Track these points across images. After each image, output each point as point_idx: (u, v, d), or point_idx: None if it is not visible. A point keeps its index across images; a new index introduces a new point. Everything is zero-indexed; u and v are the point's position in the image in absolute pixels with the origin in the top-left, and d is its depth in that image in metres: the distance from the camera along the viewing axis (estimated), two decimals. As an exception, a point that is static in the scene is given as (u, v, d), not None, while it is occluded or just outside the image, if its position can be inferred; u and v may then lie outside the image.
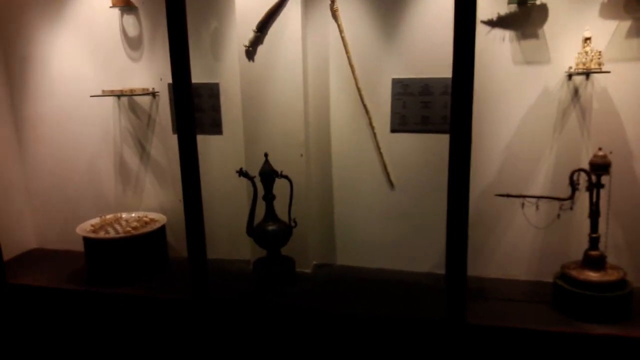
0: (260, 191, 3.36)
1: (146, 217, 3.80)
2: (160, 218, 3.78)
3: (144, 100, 3.84)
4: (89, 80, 3.88)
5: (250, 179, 3.33)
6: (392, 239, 3.59)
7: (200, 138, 3.69)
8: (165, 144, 3.86)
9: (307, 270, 3.64)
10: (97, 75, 3.86)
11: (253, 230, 3.41)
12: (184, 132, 3.01)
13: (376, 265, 3.68)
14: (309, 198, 3.54)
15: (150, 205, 4.00)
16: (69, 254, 4.11)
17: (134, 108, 3.88)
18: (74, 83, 3.92)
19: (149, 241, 3.56)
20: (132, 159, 3.97)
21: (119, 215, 3.88)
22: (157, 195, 3.98)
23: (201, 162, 3.75)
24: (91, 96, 3.68)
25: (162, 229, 3.68)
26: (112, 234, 3.52)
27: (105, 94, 3.66)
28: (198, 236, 3.15)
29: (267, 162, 3.32)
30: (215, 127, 3.74)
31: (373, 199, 3.57)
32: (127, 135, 3.93)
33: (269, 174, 3.31)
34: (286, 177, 3.32)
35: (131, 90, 3.61)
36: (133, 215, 3.87)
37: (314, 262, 3.72)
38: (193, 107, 2.98)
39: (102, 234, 3.51)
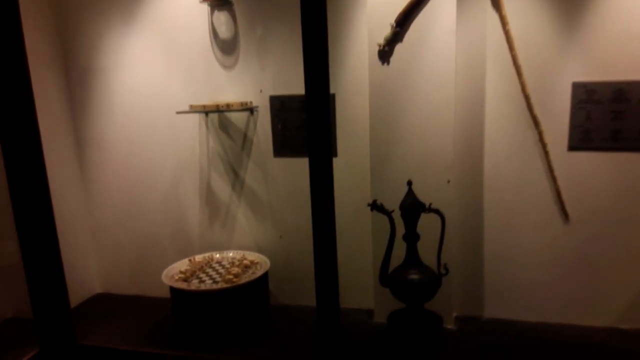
0: (399, 229, 2.62)
1: (245, 258, 3.08)
2: (261, 260, 3.06)
3: (239, 117, 3.14)
4: (169, 94, 3.21)
5: (387, 213, 2.59)
6: (561, 285, 2.82)
7: (305, 161, 3.01)
8: (263, 169, 3.16)
9: (450, 326, 2.87)
10: (179, 87, 3.19)
11: (389, 278, 2.66)
12: (318, 155, 2.28)
13: (536, 319, 2.89)
14: (456, 236, 2.78)
15: (243, 243, 3.29)
16: (142, 303, 3.42)
17: (225, 126, 3.18)
18: (149, 97, 3.26)
19: (252, 291, 2.83)
20: (222, 188, 3.26)
21: (209, 256, 3.16)
22: (252, 231, 3.27)
23: (309, 189, 3.05)
24: (177, 112, 2.99)
25: (266, 274, 2.95)
26: (207, 282, 2.81)
27: (195, 109, 2.97)
28: (331, 291, 2.40)
29: (410, 192, 2.58)
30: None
31: (538, 235, 2.80)
32: (216, 159, 3.24)
33: (413, 208, 2.57)
34: (437, 211, 2.58)
35: (228, 105, 2.91)
36: (230, 254, 3.16)
37: (455, 314, 2.94)
38: (329, 124, 2.25)
39: (195, 283, 2.80)
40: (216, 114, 3.17)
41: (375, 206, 2.59)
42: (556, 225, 2.75)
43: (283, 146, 3.08)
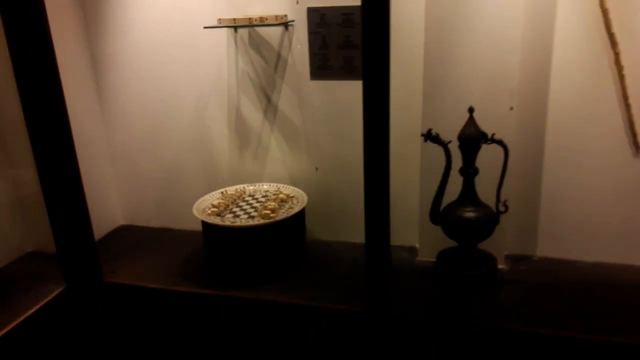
0: (455, 162, 2.35)
1: (280, 192, 2.85)
2: (297, 194, 2.83)
3: (272, 34, 2.80)
4: (192, 6, 2.85)
5: (444, 144, 2.31)
6: (625, 224, 2.57)
7: (346, 85, 2.71)
8: (299, 93, 2.86)
9: (501, 266, 2.66)
10: (208, 2, 2.82)
11: (441, 215, 2.43)
12: (374, 76, 1.99)
13: (594, 259, 2.68)
14: (512, 169, 2.50)
15: (276, 175, 3.05)
16: (170, 236, 3.25)
17: (257, 44, 2.85)
18: (170, 10, 2.92)
19: (289, 226, 2.62)
20: (253, 114, 2.98)
21: (241, 188, 2.94)
22: (285, 162, 3.02)
23: (349, 117, 2.77)
24: (205, 27, 2.65)
25: (303, 210, 2.72)
26: (243, 218, 2.59)
27: (224, 23, 2.63)
28: (382, 226, 2.18)
29: (472, 120, 2.29)
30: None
31: (602, 169, 2.53)
32: (246, 81, 2.93)
33: (474, 138, 2.29)
34: (500, 142, 2.30)
35: (261, 19, 2.57)
36: (264, 186, 2.93)
37: (505, 253, 2.73)
38: (389, 37, 1.93)
39: (230, 218, 2.59)
40: (246, 30, 2.83)
41: (430, 136, 2.31)
42: (624, 159, 2.47)
43: (321, 68, 2.76)
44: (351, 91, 2.74)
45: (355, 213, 2.92)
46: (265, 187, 2.95)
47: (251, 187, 2.95)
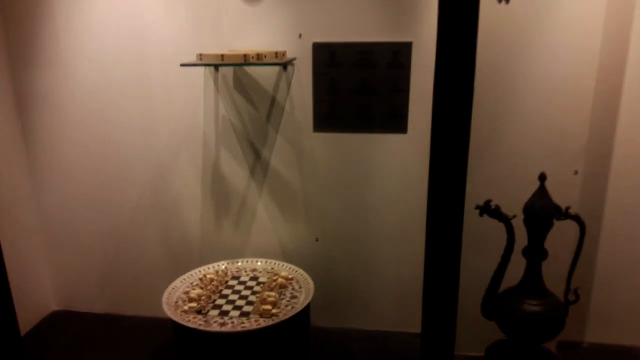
0: (519, 240, 1.86)
1: (274, 273, 2.22)
2: (297, 275, 2.22)
3: (264, 74, 2.22)
4: (159, 36, 2.23)
5: (506, 220, 1.81)
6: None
7: (358, 138, 2.18)
8: (297, 148, 2.28)
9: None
10: (174, 27, 2.21)
11: (496, 306, 1.91)
12: (450, 130, 1.44)
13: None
14: (568, 243, 2.04)
15: (264, 247, 2.42)
16: (121, 326, 2.51)
17: (243, 86, 2.25)
18: (128, 39, 2.26)
19: (295, 324, 1.99)
20: (236, 172, 2.36)
21: (223, 269, 2.28)
22: (276, 231, 2.40)
23: (361, 178, 2.23)
24: (183, 65, 2.02)
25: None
26: (234, 315, 1.94)
27: (206, 60, 2.02)
28: (448, 324, 1.61)
29: (543, 190, 1.80)
30: (394, 119, 2.18)
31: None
32: (228, 132, 2.31)
33: (546, 213, 1.80)
34: (576, 217, 1.83)
35: (259, 56, 1.98)
36: (254, 264, 2.29)
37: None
38: (472, 84, 1.41)
39: (215, 317, 1.92)
40: (230, 69, 2.22)
41: (488, 209, 1.80)
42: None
43: (329, 117, 2.21)
44: (365, 146, 2.21)
45: (366, 294, 2.36)
46: (252, 265, 2.30)
47: (235, 266, 2.29)
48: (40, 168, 2.48)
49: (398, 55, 2.11)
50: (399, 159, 2.21)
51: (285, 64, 2.14)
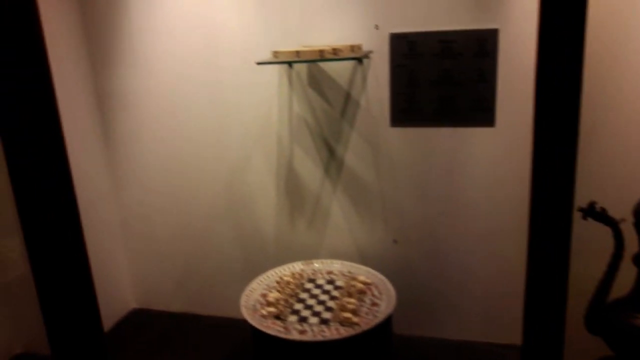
0: (629, 246, 1.66)
1: (352, 277, 2.13)
2: (376, 280, 2.12)
3: (339, 68, 2.12)
4: (232, 33, 2.18)
5: (613, 223, 1.62)
6: None
7: (440, 133, 2.03)
8: (374, 144, 2.16)
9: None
10: (247, 22, 2.14)
11: (604, 320, 1.72)
12: (557, 125, 1.28)
13: None
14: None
15: (339, 248, 2.33)
16: (196, 326, 2.52)
17: (318, 82, 2.16)
18: (203, 39, 2.23)
19: (376, 333, 1.89)
20: (310, 170, 2.28)
21: (298, 271, 2.21)
22: (352, 232, 2.30)
23: (443, 175, 2.08)
24: (259, 63, 1.95)
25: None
26: (313, 322, 1.86)
27: (281, 58, 1.94)
28: (555, 338, 1.45)
29: (654, 188, 1.59)
30: (480, 112, 2.01)
31: None
32: (302, 129, 2.23)
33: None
34: (698, 220, 1.60)
35: (335, 51, 1.88)
36: (331, 266, 2.21)
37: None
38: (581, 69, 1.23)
39: (294, 323, 1.86)
40: (304, 65, 2.14)
41: (593, 212, 1.61)
42: None
43: (407, 111, 2.08)
44: (447, 141, 2.07)
45: (450, 301, 2.22)
46: (328, 267, 2.22)
47: (311, 268, 2.22)
48: (119, 165, 2.53)
49: (483, 43, 1.95)
50: (486, 154, 2.05)
51: (361, 58, 2.03)
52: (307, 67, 2.15)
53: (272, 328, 1.80)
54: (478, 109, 2.01)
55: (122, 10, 2.30)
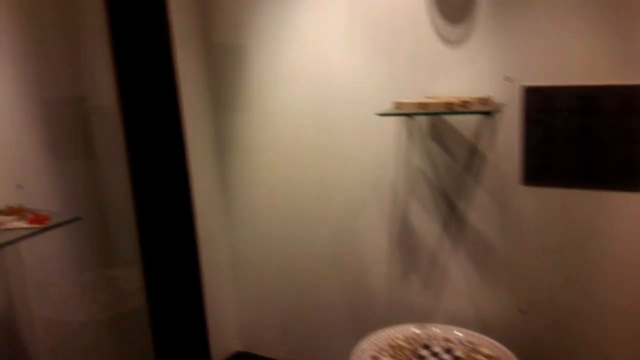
0: None
1: (474, 348, 1.93)
2: (501, 355, 1.89)
3: (464, 120, 1.99)
4: (351, 83, 2.14)
5: None
6: None
7: (581, 196, 1.81)
8: (502, 202, 1.99)
9: None
10: (367, 72, 2.10)
11: None
12: None
13: None
14: None
15: (457, 313, 2.15)
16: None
17: (440, 134, 2.05)
18: (320, 87, 2.23)
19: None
20: (427, 225, 2.15)
21: (412, 335, 2.06)
22: (473, 297, 2.12)
23: (582, 244, 1.84)
24: (380, 114, 1.89)
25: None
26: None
27: (404, 109, 1.86)
28: None
29: None
30: (626, 175, 1.78)
31: None
32: (420, 182, 2.12)
33: None
34: None
35: (465, 104, 1.76)
36: (450, 333, 2.03)
37: None
38: None
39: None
40: (427, 119, 2.05)
41: None
42: None
43: (541, 169, 1.89)
44: (586, 205, 1.85)
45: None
46: (446, 333, 2.05)
47: (425, 333, 2.06)
48: (232, 207, 2.57)
49: (632, 100, 1.73)
50: (629, 223, 1.80)
51: (493, 112, 1.90)
52: (429, 118, 2.06)
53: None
54: (623, 171, 1.78)
55: (243, 62, 2.38)
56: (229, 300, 2.68)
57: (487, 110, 1.84)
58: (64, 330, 2.38)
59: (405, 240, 2.20)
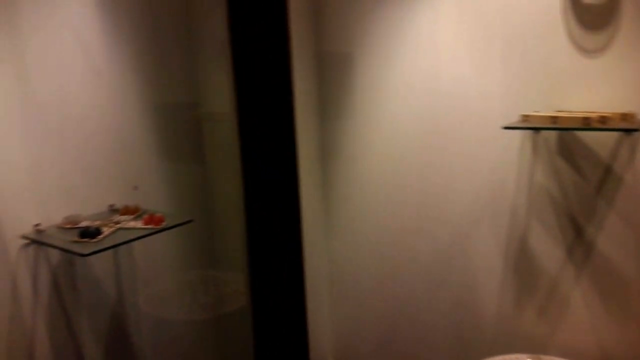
0: None
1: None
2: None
3: (600, 138, 1.81)
4: (472, 93, 2.03)
5: None
6: None
7: None
8: (638, 229, 1.78)
9: None
10: (490, 82, 1.98)
11: None
12: None
13: None
14: None
15: (576, 346, 1.98)
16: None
17: (569, 151, 1.88)
18: (436, 96, 2.14)
19: None
20: (549, 250, 1.99)
21: (528, 368, 1.91)
22: (597, 329, 1.94)
23: None
24: (506, 128, 1.77)
25: None
26: None
27: (533, 122, 1.72)
28: None
29: None
30: None
31: None
32: (543, 202, 1.97)
33: None
34: None
35: (603, 120, 1.60)
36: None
37: None
38: None
39: None
40: (555, 135, 1.89)
41: None
42: None
43: (691, 195, 1.68)
44: None
45: None
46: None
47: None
48: (333, 216, 2.53)
49: None
50: None
51: (636, 130, 1.71)
52: (558, 133, 1.90)
53: None
54: None
55: (352, 71, 2.33)
56: (324, 309, 2.65)
57: (630, 128, 1.66)
58: (165, 327, 2.44)
59: (522, 265, 2.05)
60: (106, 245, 1.83)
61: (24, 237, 1.89)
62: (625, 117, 1.66)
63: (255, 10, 1.09)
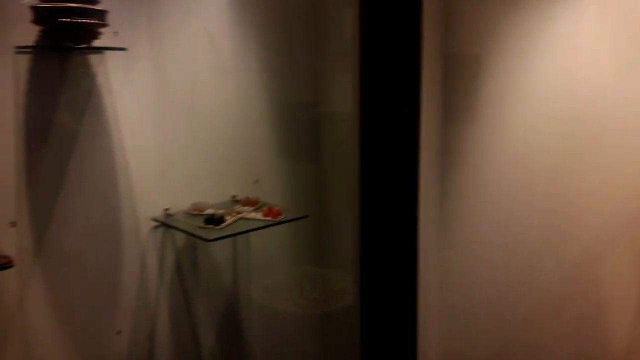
0: None
1: None
2: None
3: None
4: (600, 101, 1.83)
5: None
6: None
7: None
8: None
9: None
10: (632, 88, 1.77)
11: None
12: None
13: None
14: None
15: None
16: None
17: None
18: (579, 101, 1.95)
19: None
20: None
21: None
22: None
23: None
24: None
25: None
26: None
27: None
28: None
29: None
30: None
31: None
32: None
33: None
34: None
35: None
36: None
37: None
38: None
39: None
40: None
41: None
42: None
43: None
44: None
45: None
46: None
47: None
48: (448, 225, 2.44)
49: None
50: None
51: None
52: None
53: None
54: None
55: (480, 74, 2.23)
56: (433, 321, 2.56)
57: None
58: (273, 317, 2.52)
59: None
60: (229, 233, 1.93)
61: (155, 219, 2.06)
62: None
63: (388, 9, 1.07)
